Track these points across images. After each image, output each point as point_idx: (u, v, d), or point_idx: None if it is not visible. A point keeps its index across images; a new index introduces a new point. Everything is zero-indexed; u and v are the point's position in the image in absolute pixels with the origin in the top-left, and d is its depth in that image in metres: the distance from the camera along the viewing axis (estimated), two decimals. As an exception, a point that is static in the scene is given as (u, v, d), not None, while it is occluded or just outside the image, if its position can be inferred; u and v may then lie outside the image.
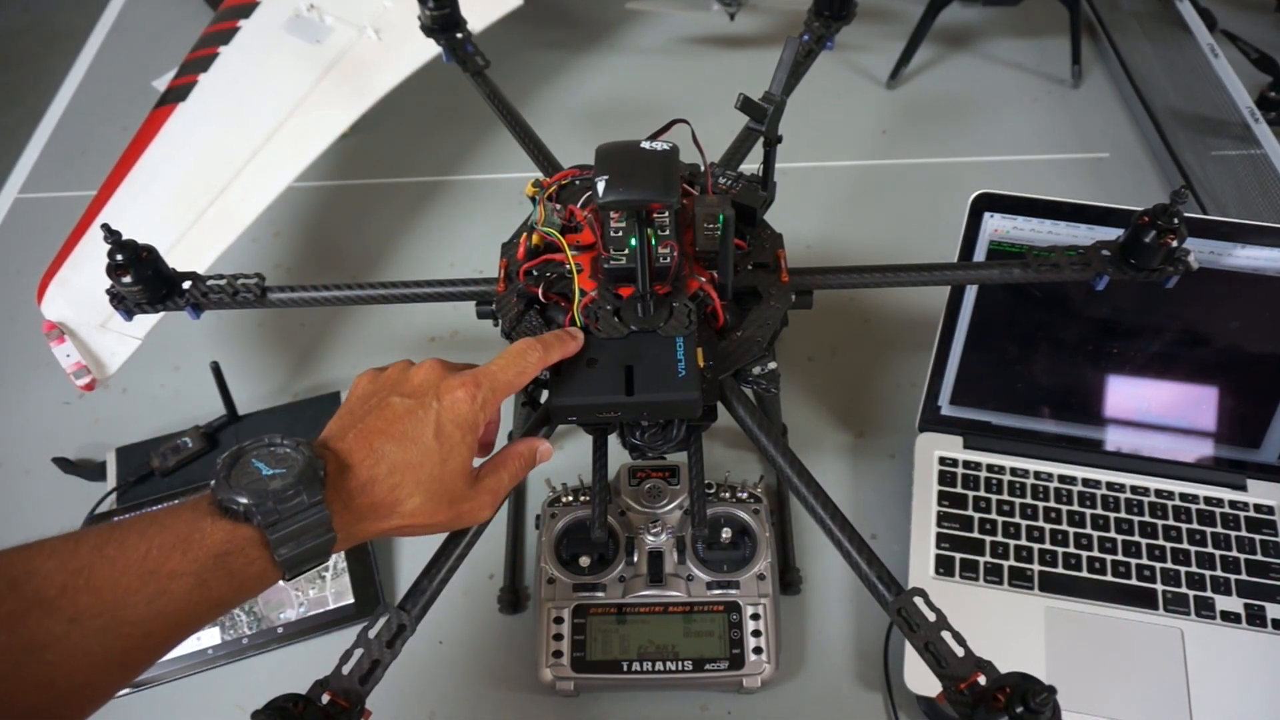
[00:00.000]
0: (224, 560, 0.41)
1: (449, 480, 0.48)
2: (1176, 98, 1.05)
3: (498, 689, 0.70)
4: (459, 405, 0.48)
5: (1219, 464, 0.75)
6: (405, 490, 0.46)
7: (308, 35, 0.91)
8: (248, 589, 0.42)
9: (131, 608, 0.39)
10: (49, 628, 0.37)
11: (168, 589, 0.39)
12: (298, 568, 0.43)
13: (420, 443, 0.47)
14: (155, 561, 0.39)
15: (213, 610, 0.42)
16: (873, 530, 0.77)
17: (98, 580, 0.38)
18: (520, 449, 0.54)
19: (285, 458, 0.44)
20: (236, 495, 0.42)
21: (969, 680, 0.45)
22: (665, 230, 0.57)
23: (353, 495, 0.45)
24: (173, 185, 0.83)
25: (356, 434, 0.47)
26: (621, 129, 0.55)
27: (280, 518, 0.42)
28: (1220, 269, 0.68)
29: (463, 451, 0.48)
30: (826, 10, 0.77)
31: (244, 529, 0.42)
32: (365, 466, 0.46)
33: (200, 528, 0.41)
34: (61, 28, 2.51)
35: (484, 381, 0.50)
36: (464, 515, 0.50)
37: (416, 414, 0.47)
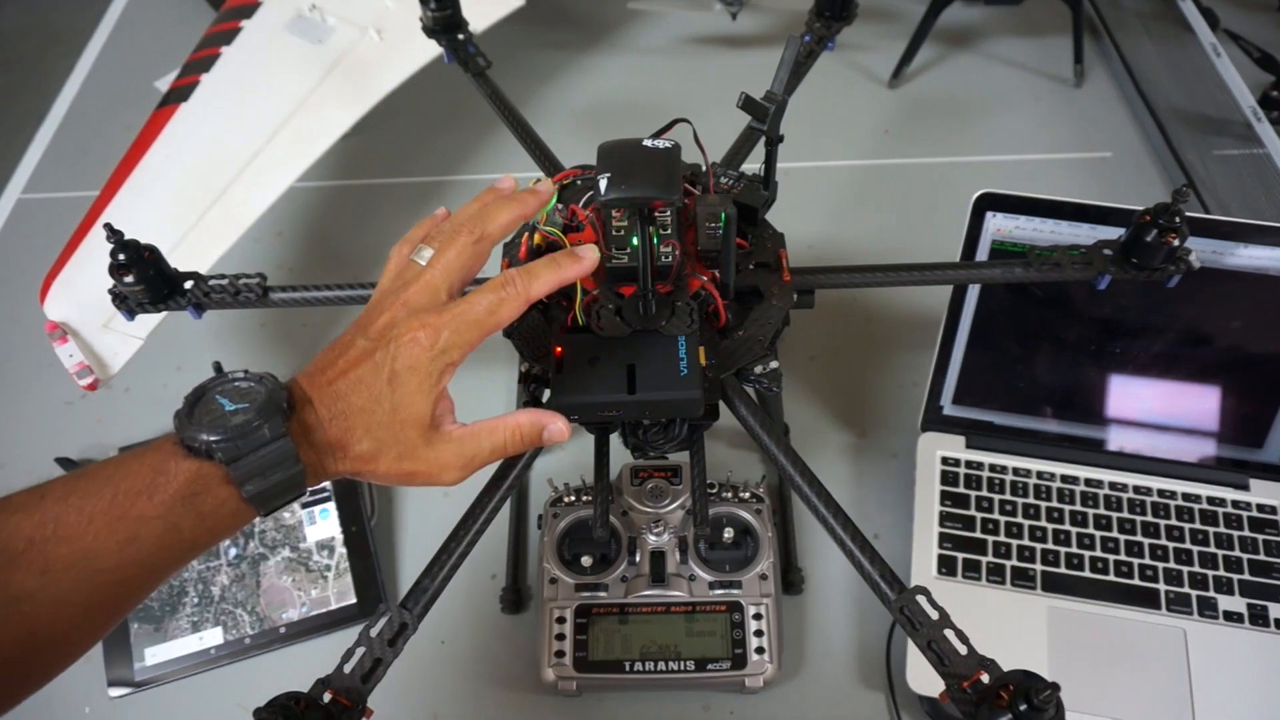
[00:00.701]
0: (192, 501, 0.40)
1: (400, 430, 0.45)
2: (1179, 97, 1.05)
3: (500, 689, 0.70)
4: (416, 349, 0.45)
5: (1222, 464, 0.75)
6: (356, 435, 0.44)
7: (310, 36, 0.91)
8: (222, 529, 0.42)
9: (103, 556, 0.38)
10: (20, 581, 0.37)
11: (138, 534, 0.39)
12: (270, 503, 0.42)
13: (372, 388, 0.44)
14: (122, 507, 0.39)
15: (187, 553, 0.41)
16: (875, 530, 0.77)
17: (65, 530, 0.38)
18: (518, 420, 0.49)
19: (248, 392, 0.43)
20: (199, 433, 0.41)
21: (972, 678, 0.44)
22: (667, 229, 0.57)
23: (313, 429, 0.44)
24: (175, 185, 0.83)
25: (321, 370, 0.45)
26: (623, 128, 0.55)
27: (242, 453, 0.41)
28: (1222, 268, 0.68)
29: (418, 401, 0.45)
30: (828, 10, 0.77)
31: (208, 467, 0.41)
32: (324, 404, 0.44)
33: (166, 469, 0.40)
34: (64, 28, 2.51)
35: (447, 323, 0.45)
36: (420, 474, 0.46)
37: (373, 357, 0.45)
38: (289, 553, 0.75)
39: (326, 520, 0.76)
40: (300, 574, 0.74)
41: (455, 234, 0.48)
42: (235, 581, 0.74)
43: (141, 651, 0.71)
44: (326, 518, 0.76)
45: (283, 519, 0.76)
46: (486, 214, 0.49)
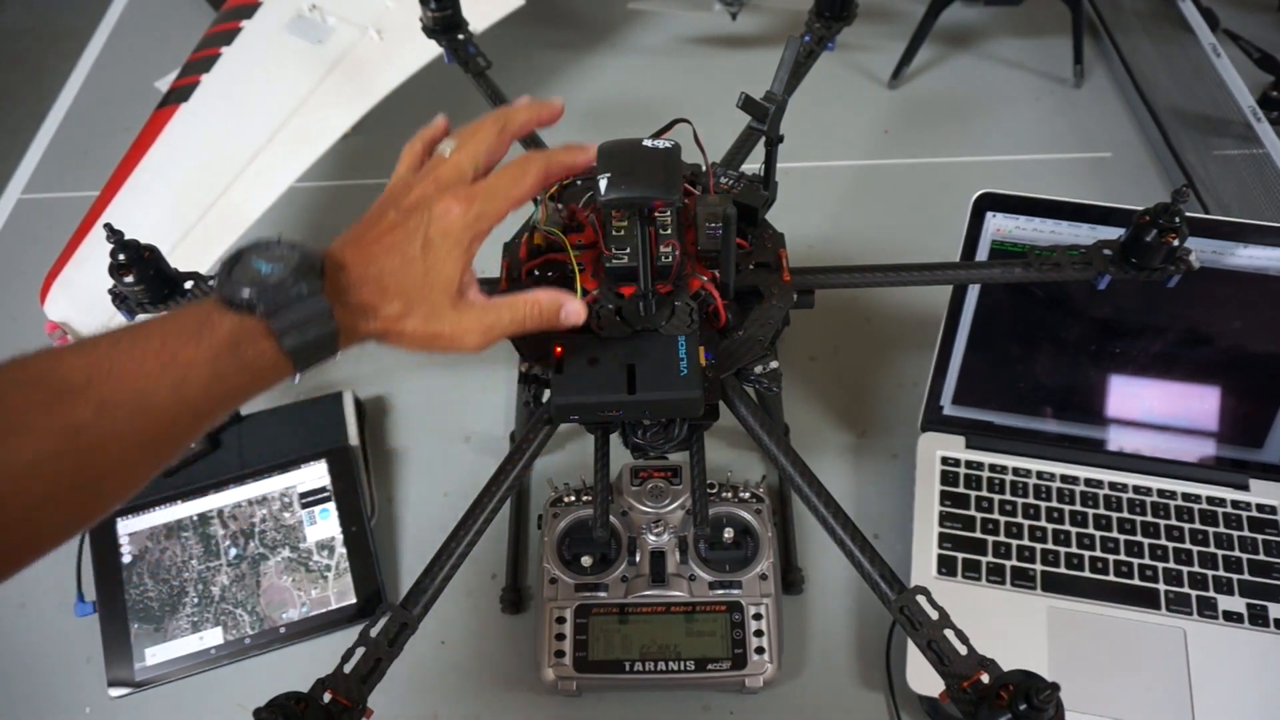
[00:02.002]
0: (236, 350, 0.43)
1: (431, 293, 0.48)
2: (1178, 97, 1.05)
3: (500, 689, 0.70)
4: (449, 217, 0.48)
5: (1221, 464, 0.75)
6: (388, 295, 0.47)
7: (310, 36, 0.91)
8: (261, 379, 0.44)
9: (154, 395, 0.41)
10: (80, 414, 0.39)
11: (187, 377, 0.41)
12: (306, 359, 0.45)
13: (406, 253, 0.48)
14: (172, 352, 0.41)
15: (231, 400, 0.44)
16: (875, 530, 0.77)
17: (120, 370, 0.40)
18: (538, 295, 0.52)
19: (282, 255, 0.45)
20: (239, 289, 0.43)
21: (972, 678, 0.45)
22: (667, 229, 0.57)
23: (347, 290, 0.46)
24: (175, 185, 0.83)
25: (353, 239, 0.49)
26: (623, 128, 0.55)
27: (280, 306, 0.43)
28: (1222, 268, 0.68)
29: (449, 266, 0.48)
30: (828, 11, 0.77)
31: (250, 320, 0.43)
32: (358, 268, 0.47)
33: (210, 321, 0.43)
34: (64, 28, 2.51)
35: (478, 194, 0.49)
36: (444, 337, 0.49)
37: (407, 224, 0.48)
38: (289, 553, 0.75)
39: (326, 520, 0.76)
40: (300, 574, 0.74)
41: (480, 125, 0.53)
42: (235, 581, 0.74)
43: (142, 651, 0.71)
44: (326, 518, 0.76)
45: (283, 519, 0.76)
46: (508, 111, 0.54)
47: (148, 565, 0.74)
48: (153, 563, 0.74)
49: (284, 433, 0.80)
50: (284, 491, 0.77)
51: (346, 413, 0.82)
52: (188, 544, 0.75)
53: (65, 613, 0.74)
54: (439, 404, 0.87)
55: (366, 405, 0.86)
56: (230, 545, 0.75)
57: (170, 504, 0.76)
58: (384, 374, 0.89)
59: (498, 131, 0.52)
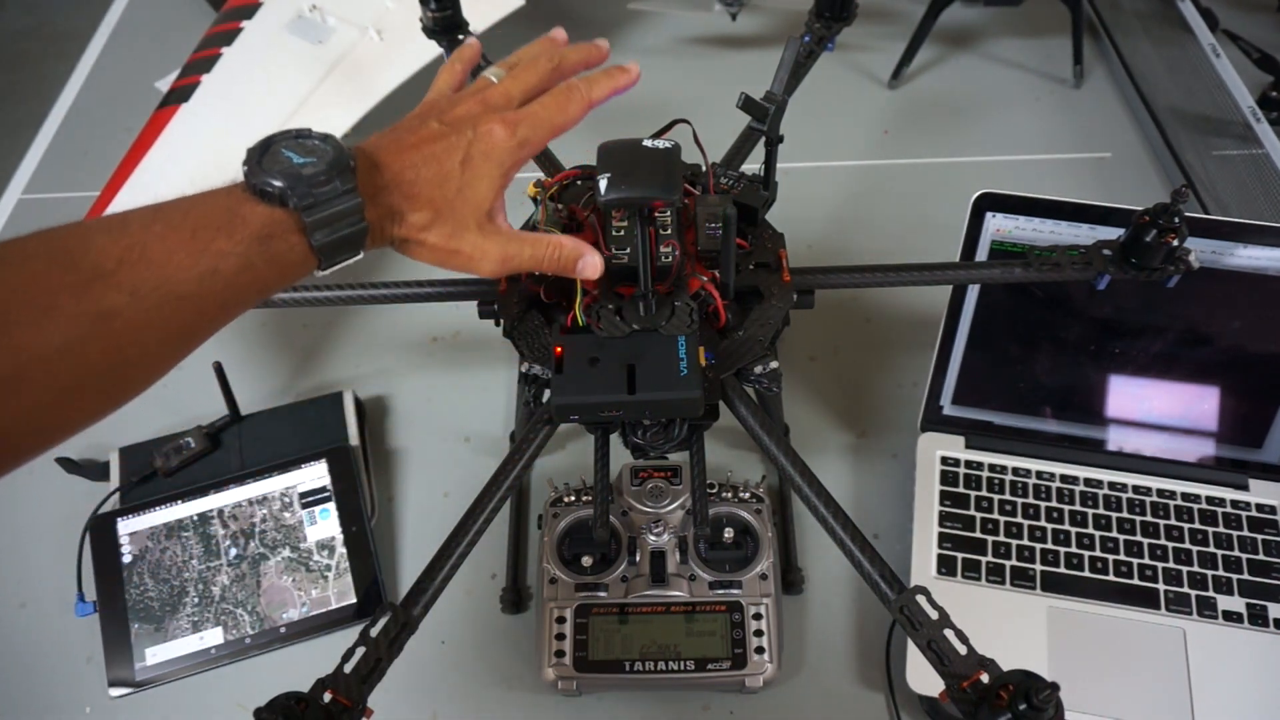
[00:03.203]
0: (267, 243, 0.42)
1: (461, 208, 0.48)
2: (1178, 97, 1.05)
3: (500, 688, 0.70)
4: (493, 138, 0.48)
5: (1221, 464, 0.75)
6: (418, 203, 0.47)
7: (310, 36, 0.91)
8: (289, 274, 0.44)
9: (185, 283, 0.40)
10: (112, 299, 0.38)
11: (217, 268, 0.41)
12: (333, 256, 0.44)
13: (444, 165, 0.47)
14: (203, 241, 0.40)
15: (257, 292, 0.43)
16: (875, 530, 0.77)
17: (152, 255, 0.39)
18: (561, 240, 0.53)
19: (315, 149, 0.44)
20: (271, 179, 0.42)
21: (972, 678, 0.45)
22: (667, 229, 0.57)
23: (379, 191, 0.46)
24: (176, 186, 0.82)
25: (390, 143, 0.48)
26: (623, 129, 0.55)
27: (315, 201, 0.43)
28: (1222, 269, 0.68)
29: (484, 186, 0.48)
30: (828, 11, 0.77)
31: (280, 212, 0.43)
32: (393, 170, 0.46)
33: (240, 211, 0.42)
34: (64, 29, 2.51)
35: (523, 119, 0.50)
36: (461, 255, 0.49)
37: (449, 138, 0.48)
38: (289, 553, 0.75)
39: (326, 520, 0.76)
40: (300, 574, 0.74)
41: (535, 60, 0.54)
42: (235, 581, 0.74)
43: (142, 651, 0.71)
44: (326, 518, 0.76)
45: (283, 519, 0.76)
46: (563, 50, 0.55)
47: (148, 565, 0.74)
48: (153, 563, 0.74)
49: (284, 433, 0.81)
50: (284, 491, 0.77)
51: (346, 413, 0.82)
52: (188, 544, 0.75)
53: (65, 613, 0.74)
54: (439, 404, 0.87)
55: (366, 405, 0.86)
56: (230, 545, 0.75)
57: (170, 504, 0.76)
58: (384, 374, 0.89)
59: (551, 69, 0.53)
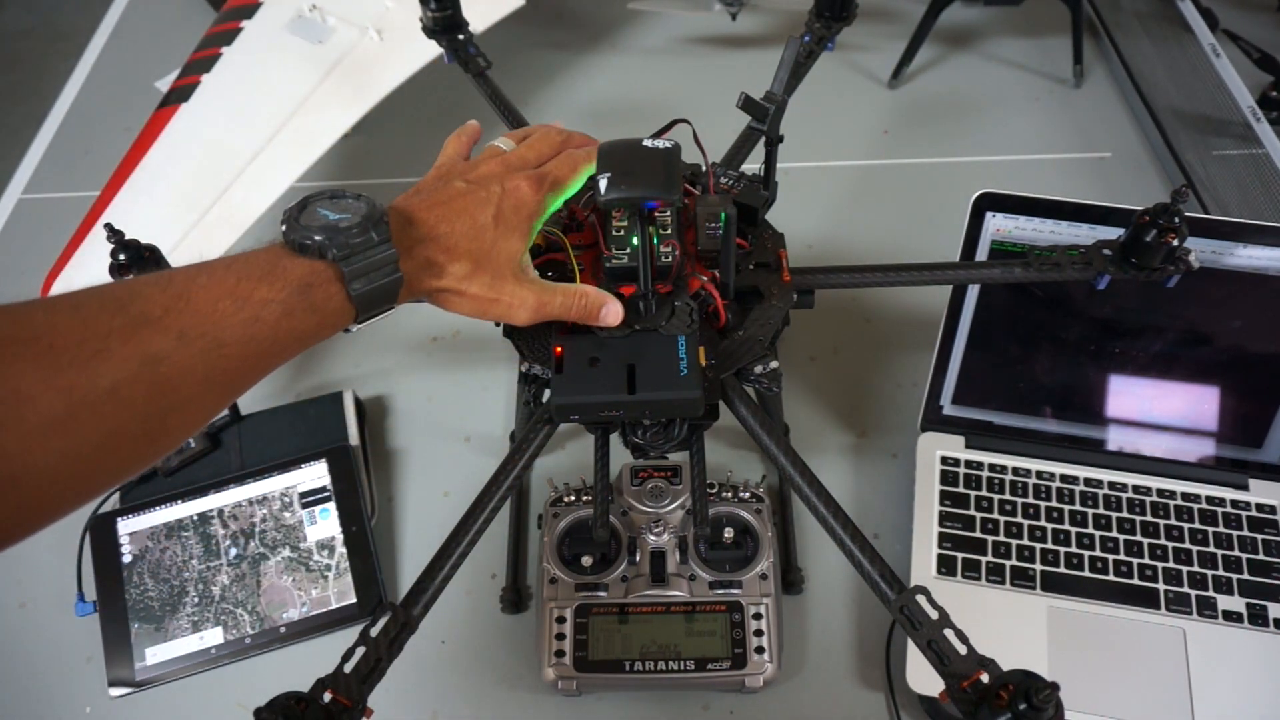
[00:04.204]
0: (307, 292, 0.44)
1: (498, 260, 0.51)
2: (1178, 97, 1.05)
3: (500, 688, 0.70)
4: (520, 194, 0.52)
5: (1221, 464, 0.75)
6: (458, 254, 0.49)
7: (310, 36, 0.91)
8: (327, 324, 0.45)
9: (229, 330, 0.41)
10: (159, 344, 0.39)
11: (260, 315, 0.42)
12: (370, 307, 0.46)
13: (478, 220, 0.50)
14: (246, 290, 0.42)
15: (298, 342, 0.44)
16: (875, 530, 0.77)
17: (197, 304, 0.41)
18: (586, 290, 0.55)
19: (349, 206, 0.46)
20: (310, 234, 0.44)
21: (972, 678, 0.45)
22: (667, 229, 0.57)
23: (414, 245, 0.48)
24: (176, 185, 0.83)
25: (420, 201, 0.50)
26: (623, 129, 0.55)
27: (352, 252, 0.45)
28: (1222, 268, 0.68)
29: (516, 238, 0.51)
30: (828, 11, 0.77)
31: (320, 264, 0.44)
32: (427, 225, 0.49)
33: (282, 263, 0.44)
34: (64, 29, 2.52)
35: (547, 177, 0.53)
36: (501, 303, 0.52)
37: (479, 194, 0.51)
38: (289, 553, 0.75)
39: (326, 520, 0.76)
40: (300, 574, 0.74)
41: (546, 133, 0.58)
42: (235, 581, 0.74)
43: (142, 651, 0.71)
44: (326, 518, 0.76)
45: (283, 519, 0.76)
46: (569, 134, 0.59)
47: (148, 565, 0.74)
48: (153, 562, 0.74)
49: (284, 432, 0.81)
50: (284, 491, 0.77)
51: (347, 413, 0.82)
52: (188, 544, 0.75)
53: (65, 612, 0.74)
54: (439, 404, 0.87)
55: (366, 405, 0.86)
56: (230, 545, 0.75)
57: (170, 504, 0.76)
58: (384, 374, 0.89)
59: (562, 141, 0.57)
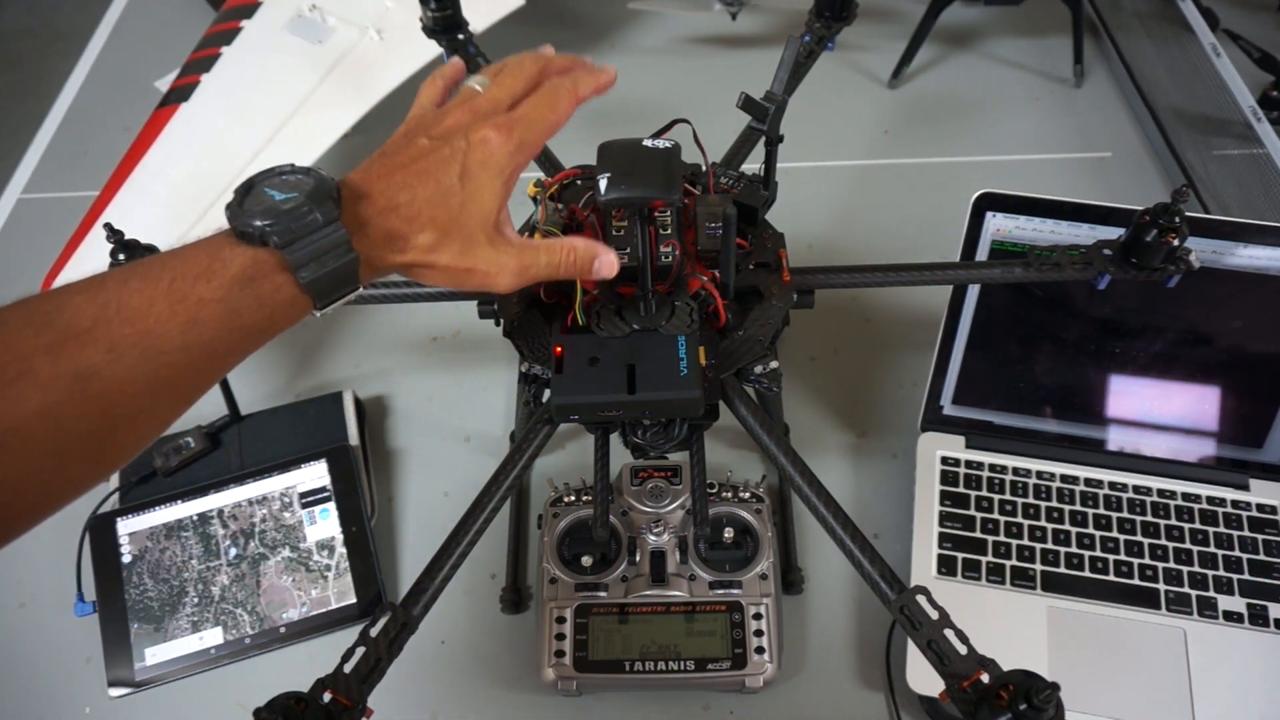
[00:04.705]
0: (250, 286, 0.40)
1: (468, 224, 0.46)
2: (1179, 97, 1.05)
3: (500, 688, 0.70)
4: (489, 146, 0.46)
5: (1221, 464, 0.75)
6: (420, 223, 0.45)
7: (310, 36, 0.91)
8: (280, 317, 0.42)
9: (165, 336, 0.39)
10: (89, 358, 0.37)
11: (198, 317, 0.39)
12: (327, 295, 0.43)
13: (442, 182, 0.45)
14: (182, 290, 0.39)
15: (248, 339, 0.42)
16: (875, 530, 0.77)
17: (128, 311, 0.38)
18: (574, 242, 0.51)
19: (296, 183, 0.43)
20: (251, 219, 0.41)
21: (972, 678, 0.45)
22: (667, 229, 0.57)
23: (369, 220, 0.44)
24: (175, 185, 0.83)
25: (379, 167, 0.46)
26: (623, 129, 0.55)
27: (296, 236, 0.41)
28: (1222, 268, 0.68)
29: (487, 197, 0.46)
30: (828, 11, 0.77)
31: (263, 253, 0.41)
32: (384, 195, 0.44)
33: (221, 256, 0.41)
34: (64, 28, 2.51)
35: (518, 123, 0.47)
36: (477, 272, 0.47)
37: (442, 152, 0.46)
38: (289, 553, 0.75)
39: (326, 520, 0.76)
40: (300, 574, 0.74)
41: (520, 63, 0.51)
42: (235, 581, 0.74)
43: (142, 651, 0.71)
44: (326, 518, 0.76)
45: (283, 519, 0.76)
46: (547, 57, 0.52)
47: (148, 565, 0.74)
48: (153, 563, 0.74)
49: (284, 433, 0.80)
50: (284, 491, 0.77)
51: (346, 412, 0.82)
52: (188, 544, 0.75)
53: (65, 613, 0.74)
54: (439, 404, 0.87)
55: (366, 405, 0.86)
56: (230, 545, 0.75)
57: (170, 504, 0.76)
58: (384, 374, 0.89)
59: (538, 70, 0.51)
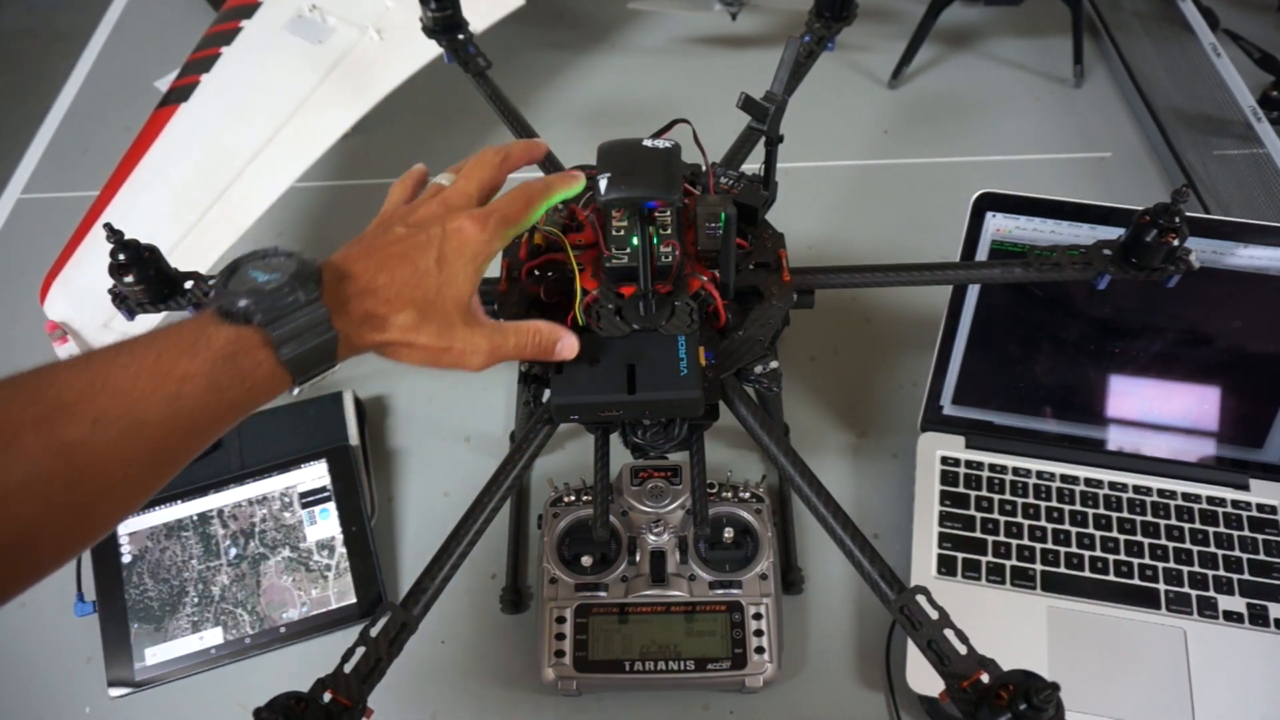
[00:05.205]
0: (233, 361, 0.42)
1: (444, 307, 0.48)
2: (1179, 97, 1.05)
3: (500, 688, 0.70)
4: (464, 235, 0.49)
5: (1221, 464, 0.75)
6: (399, 304, 0.47)
7: (310, 36, 0.91)
8: (260, 390, 0.43)
9: (149, 410, 0.40)
10: (74, 431, 0.38)
11: (181, 391, 0.41)
12: (306, 370, 0.44)
13: (420, 265, 0.47)
14: (167, 365, 0.41)
15: (229, 412, 0.43)
16: (875, 530, 0.77)
17: (114, 385, 0.40)
18: (538, 326, 0.53)
19: (280, 264, 0.45)
20: (236, 300, 0.43)
21: (972, 678, 0.44)
22: (667, 229, 0.57)
23: (350, 300, 0.46)
24: (175, 185, 0.83)
25: (359, 251, 0.48)
26: (623, 129, 0.55)
27: (279, 315, 0.43)
28: (1222, 268, 0.68)
29: (462, 281, 0.49)
30: (828, 11, 0.77)
31: (246, 330, 0.43)
32: (364, 276, 0.47)
33: (206, 333, 0.42)
34: (64, 28, 2.51)
35: (492, 215, 0.50)
36: (452, 352, 0.49)
37: (418, 238, 0.48)
38: (289, 553, 0.75)
39: (326, 520, 0.76)
40: (300, 574, 0.74)
41: (482, 158, 0.54)
42: (235, 581, 0.74)
43: (142, 651, 0.71)
44: (326, 518, 0.76)
45: (283, 519, 0.76)
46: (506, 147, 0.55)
47: (148, 565, 0.74)
48: (153, 562, 0.74)
49: (284, 433, 0.80)
50: (284, 491, 0.77)
51: (346, 413, 0.82)
52: (188, 544, 0.75)
53: (65, 613, 0.74)
54: (439, 404, 0.87)
55: (366, 405, 0.86)
56: (230, 545, 0.75)
57: (170, 504, 0.76)
58: (384, 374, 0.89)
59: (499, 163, 0.54)
